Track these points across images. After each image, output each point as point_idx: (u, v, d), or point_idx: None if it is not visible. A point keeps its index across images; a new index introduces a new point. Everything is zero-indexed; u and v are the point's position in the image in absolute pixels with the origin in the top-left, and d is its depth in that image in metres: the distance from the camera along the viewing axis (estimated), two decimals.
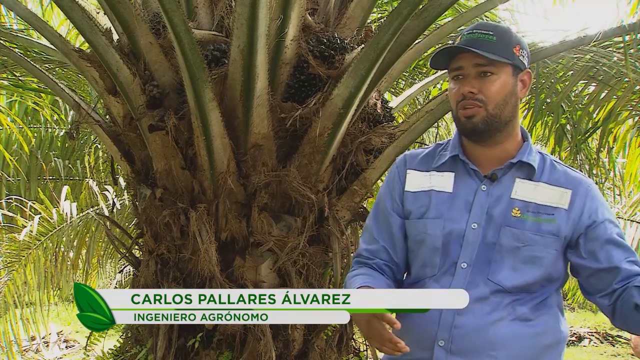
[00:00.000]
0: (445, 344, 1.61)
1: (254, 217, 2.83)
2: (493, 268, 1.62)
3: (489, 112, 1.62)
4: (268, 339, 2.74)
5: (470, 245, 1.64)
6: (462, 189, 1.70)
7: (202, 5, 3.08)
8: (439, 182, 1.73)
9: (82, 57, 3.01)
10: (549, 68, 3.96)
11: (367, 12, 3.20)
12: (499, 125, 1.65)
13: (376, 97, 3.15)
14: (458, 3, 4.60)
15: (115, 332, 3.95)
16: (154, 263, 3.02)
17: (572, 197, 1.64)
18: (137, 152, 3.12)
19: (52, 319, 8.70)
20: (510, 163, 1.68)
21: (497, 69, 1.62)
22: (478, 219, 1.65)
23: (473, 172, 1.70)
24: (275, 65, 2.84)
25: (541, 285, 1.65)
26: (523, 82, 1.70)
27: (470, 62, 1.62)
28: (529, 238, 1.61)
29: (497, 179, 1.67)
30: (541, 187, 1.65)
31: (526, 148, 1.70)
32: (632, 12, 3.88)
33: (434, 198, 1.71)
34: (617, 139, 5.16)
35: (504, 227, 1.63)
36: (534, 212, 1.63)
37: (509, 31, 1.68)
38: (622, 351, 10.44)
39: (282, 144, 2.90)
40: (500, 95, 1.63)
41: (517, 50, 1.65)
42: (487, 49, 1.60)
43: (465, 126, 1.66)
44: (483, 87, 1.62)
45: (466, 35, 1.65)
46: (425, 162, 1.79)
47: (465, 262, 1.64)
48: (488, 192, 1.67)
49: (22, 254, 5.31)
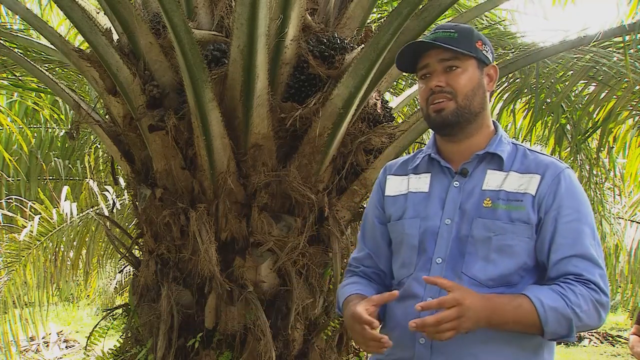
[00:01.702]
0: (426, 341, 1.61)
1: (254, 217, 2.83)
2: (467, 261, 1.62)
3: (458, 104, 1.65)
4: (268, 339, 2.74)
5: (444, 241, 1.65)
6: (436, 187, 1.72)
7: (202, 5, 3.08)
8: (416, 183, 1.76)
9: (82, 57, 3.01)
10: (549, 68, 3.96)
11: (367, 12, 3.20)
12: (469, 117, 1.67)
13: (376, 97, 3.15)
14: (458, 3, 4.60)
15: (115, 332, 3.95)
16: (154, 263, 3.02)
17: (540, 181, 1.63)
18: (137, 152, 3.12)
19: (52, 319, 8.70)
20: (477, 155, 1.69)
21: (462, 63, 1.66)
22: (451, 215, 1.66)
23: (446, 170, 1.73)
24: (275, 65, 2.84)
25: (520, 276, 1.62)
26: (489, 76, 1.73)
27: (435, 59, 1.67)
28: (499, 227, 1.61)
29: (468, 174, 1.69)
30: (511, 176, 1.66)
31: (495, 139, 1.71)
32: (631, 13, 3.88)
33: (411, 199, 1.75)
34: (617, 139, 5.17)
35: (475, 219, 1.63)
36: (504, 200, 1.63)
37: (469, 28, 1.72)
38: (622, 351, 10.44)
39: (282, 144, 2.90)
40: (468, 87, 1.66)
41: (479, 45, 1.69)
42: (450, 44, 1.64)
43: (436, 120, 1.68)
44: (450, 80, 1.65)
45: (429, 35, 1.70)
46: (403, 166, 1.84)
47: (440, 257, 1.65)
48: (460, 187, 1.68)
49: (22, 254, 5.32)
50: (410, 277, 1.69)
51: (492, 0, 3.70)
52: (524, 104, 4.70)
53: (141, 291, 3.09)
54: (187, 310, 2.89)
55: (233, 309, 2.82)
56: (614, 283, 7.29)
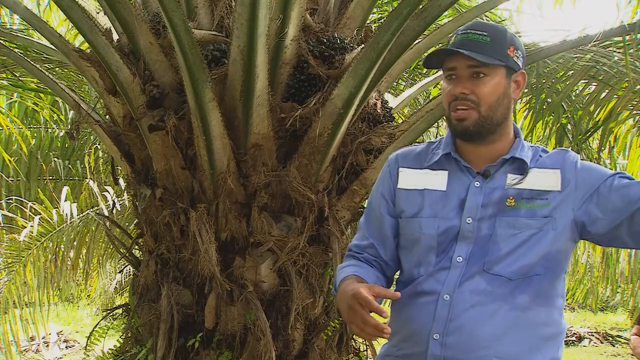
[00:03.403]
0: (440, 337, 1.60)
1: (254, 217, 2.83)
2: (489, 259, 1.62)
3: (481, 114, 1.63)
4: (268, 339, 2.73)
5: (465, 240, 1.64)
6: (455, 186, 1.70)
7: (202, 5, 3.07)
8: (433, 180, 1.73)
9: (82, 57, 3.00)
10: (549, 68, 3.96)
11: (367, 12, 3.20)
12: (491, 127, 1.65)
13: (376, 97, 3.15)
14: (458, 3, 4.60)
15: (115, 332, 3.95)
16: (154, 263, 3.02)
17: (562, 175, 1.64)
18: (137, 152, 3.12)
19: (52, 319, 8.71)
20: (503, 159, 1.69)
21: (490, 71, 1.62)
22: (472, 214, 1.65)
23: (466, 169, 1.71)
24: (275, 65, 2.84)
25: (543, 267, 1.62)
26: (517, 83, 1.70)
27: (464, 64, 1.62)
28: (524, 224, 1.61)
29: (490, 176, 1.68)
30: (532, 173, 1.66)
31: (518, 144, 1.70)
32: (633, 14, 3.87)
33: (428, 197, 1.71)
34: (617, 139, 5.16)
35: (499, 218, 1.63)
36: (527, 199, 1.63)
37: (503, 31, 1.67)
38: (622, 351, 10.44)
39: (282, 144, 2.89)
40: (493, 96, 1.63)
41: (511, 51, 1.65)
42: (481, 51, 1.60)
43: (457, 128, 1.67)
44: (476, 89, 1.62)
45: (460, 35, 1.65)
46: (418, 160, 1.79)
47: (461, 256, 1.63)
48: (481, 187, 1.68)
49: (22, 255, 5.31)
50: (427, 275, 1.68)
51: (492, 0, 3.69)
52: (525, 104, 4.70)
53: (141, 291, 3.09)
54: (187, 310, 2.89)
55: (233, 309, 2.82)
56: (614, 283, 7.29)
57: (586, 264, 7.27)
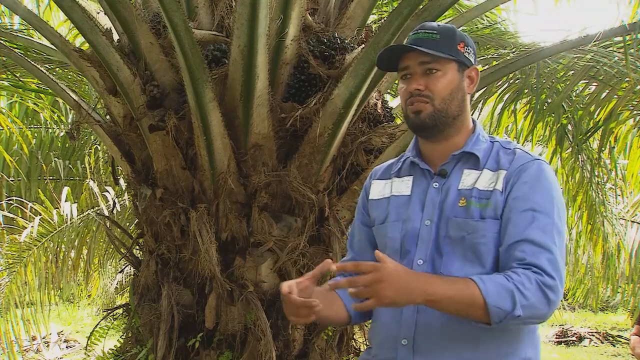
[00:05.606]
0: (408, 342, 1.61)
1: (254, 217, 2.83)
2: (445, 261, 1.62)
3: (435, 107, 1.66)
4: (268, 339, 2.73)
5: (424, 242, 1.66)
6: (417, 189, 1.73)
7: (203, 5, 3.08)
8: (399, 187, 1.77)
9: (82, 57, 3.01)
10: (549, 68, 3.95)
11: (367, 12, 3.20)
12: (446, 120, 1.68)
13: (376, 97, 3.16)
14: (458, 3, 4.59)
15: (115, 332, 3.95)
16: (154, 263, 3.02)
17: (506, 175, 1.62)
18: (137, 152, 3.12)
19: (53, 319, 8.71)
20: (453, 155, 1.70)
21: (442, 66, 1.66)
22: (430, 216, 1.67)
23: (426, 172, 1.74)
24: (276, 65, 2.84)
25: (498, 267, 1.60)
26: (470, 78, 1.73)
27: (416, 61, 1.67)
28: (471, 226, 1.60)
29: (447, 174, 1.70)
30: (484, 174, 1.66)
31: (472, 138, 1.71)
32: (633, 15, 3.87)
33: (394, 202, 1.75)
34: (618, 140, 5.16)
35: (451, 219, 1.64)
36: (477, 198, 1.62)
37: (452, 29, 1.71)
38: (622, 351, 10.44)
39: (282, 144, 2.90)
40: (446, 90, 1.66)
41: (461, 47, 1.69)
42: (431, 47, 1.64)
43: (414, 122, 1.70)
44: (429, 84, 1.66)
45: (411, 35, 1.70)
46: (387, 171, 1.85)
47: (421, 259, 1.65)
48: (439, 188, 1.69)
49: (23, 255, 5.32)
50: None
51: (492, 0, 3.69)
52: (525, 105, 4.69)
53: (141, 291, 3.09)
54: (187, 310, 2.89)
55: (233, 309, 2.82)
56: (615, 283, 7.28)
57: (587, 264, 7.27)
